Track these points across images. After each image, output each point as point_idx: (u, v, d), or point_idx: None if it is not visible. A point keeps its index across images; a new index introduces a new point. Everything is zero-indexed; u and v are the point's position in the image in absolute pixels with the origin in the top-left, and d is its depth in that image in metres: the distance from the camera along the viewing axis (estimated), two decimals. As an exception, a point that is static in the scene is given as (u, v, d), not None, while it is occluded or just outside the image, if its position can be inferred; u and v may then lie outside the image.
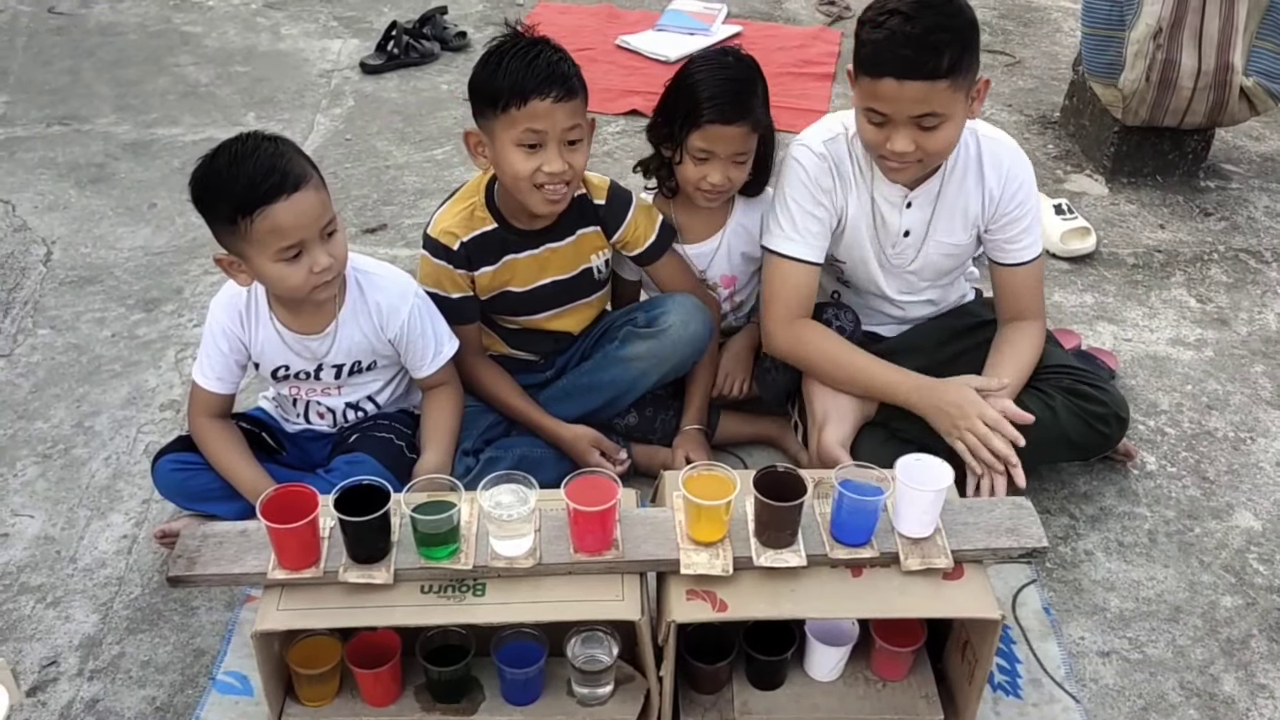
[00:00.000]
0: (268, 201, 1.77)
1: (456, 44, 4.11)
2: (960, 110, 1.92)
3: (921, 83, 1.84)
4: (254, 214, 1.77)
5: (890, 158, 1.96)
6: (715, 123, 2.07)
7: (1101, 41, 3.22)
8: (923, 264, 2.19)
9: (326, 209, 1.85)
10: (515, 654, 1.68)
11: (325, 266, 1.84)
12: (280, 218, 1.78)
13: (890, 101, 1.88)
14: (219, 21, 4.29)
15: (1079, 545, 2.15)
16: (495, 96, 1.91)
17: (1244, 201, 3.34)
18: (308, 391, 2.09)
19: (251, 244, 1.81)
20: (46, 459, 2.28)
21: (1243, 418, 2.49)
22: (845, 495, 1.61)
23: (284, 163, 1.79)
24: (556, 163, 1.92)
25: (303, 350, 2.02)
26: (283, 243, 1.80)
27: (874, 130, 1.95)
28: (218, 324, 2.00)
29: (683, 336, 2.14)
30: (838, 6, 4.54)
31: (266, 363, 2.03)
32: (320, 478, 1.98)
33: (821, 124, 2.16)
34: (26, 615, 1.95)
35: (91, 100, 3.70)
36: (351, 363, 2.05)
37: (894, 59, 1.84)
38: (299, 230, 1.80)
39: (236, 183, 1.78)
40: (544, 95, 1.88)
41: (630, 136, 3.54)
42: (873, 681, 1.79)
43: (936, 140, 1.92)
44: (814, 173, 2.10)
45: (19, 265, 2.88)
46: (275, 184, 1.77)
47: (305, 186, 1.80)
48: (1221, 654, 1.95)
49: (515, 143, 1.92)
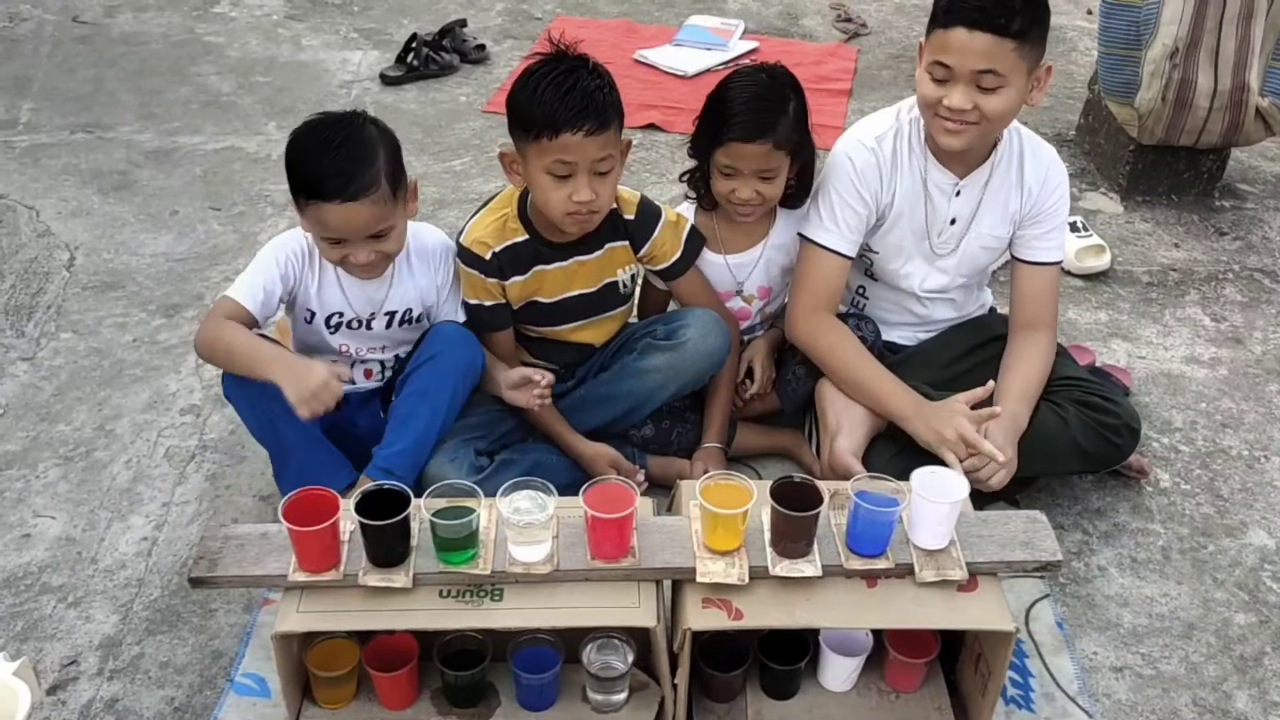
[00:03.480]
0: (324, 198, 1.89)
1: (475, 56, 4.14)
2: (1020, 82, 1.96)
3: (990, 36, 1.89)
4: (307, 203, 1.91)
5: (947, 116, 1.98)
6: (736, 140, 2.09)
7: (1118, 61, 3.23)
8: (962, 255, 2.22)
9: (381, 220, 1.94)
10: (531, 659, 1.70)
11: (363, 263, 1.97)
12: (327, 215, 1.91)
13: (957, 53, 1.92)
14: (241, 32, 4.33)
15: (1092, 560, 2.15)
16: (529, 124, 1.92)
17: (1259, 221, 3.35)
18: (355, 349, 2.14)
19: (306, 217, 1.96)
20: (68, 461, 2.31)
21: (1257, 436, 2.50)
22: (861, 506, 1.63)
23: (353, 167, 1.89)
24: (585, 192, 1.94)
25: (358, 296, 2.09)
26: (325, 233, 1.95)
27: (934, 87, 1.98)
28: (279, 253, 2.05)
29: (701, 350, 2.16)
30: (854, 23, 4.57)
31: (323, 308, 2.09)
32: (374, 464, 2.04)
33: (875, 118, 2.20)
34: (47, 615, 1.97)
35: (115, 108, 3.74)
36: (404, 310, 2.12)
37: (968, 8, 1.90)
38: (342, 231, 1.93)
39: (308, 169, 1.91)
40: (576, 129, 1.89)
41: (647, 150, 3.56)
42: (886, 692, 1.79)
43: (993, 103, 1.95)
44: (861, 167, 2.13)
45: (43, 270, 2.91)
46: (338, 185, 1.88)
47: (363, 199, 1.89)
48: (1235, 671, 1.96)
49: (545, 171, 1.94)
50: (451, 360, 2.07)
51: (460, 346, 2.09)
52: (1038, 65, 1.99)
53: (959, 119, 1.97)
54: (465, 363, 2.08)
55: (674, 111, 3.77)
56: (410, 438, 2.03)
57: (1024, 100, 2.00)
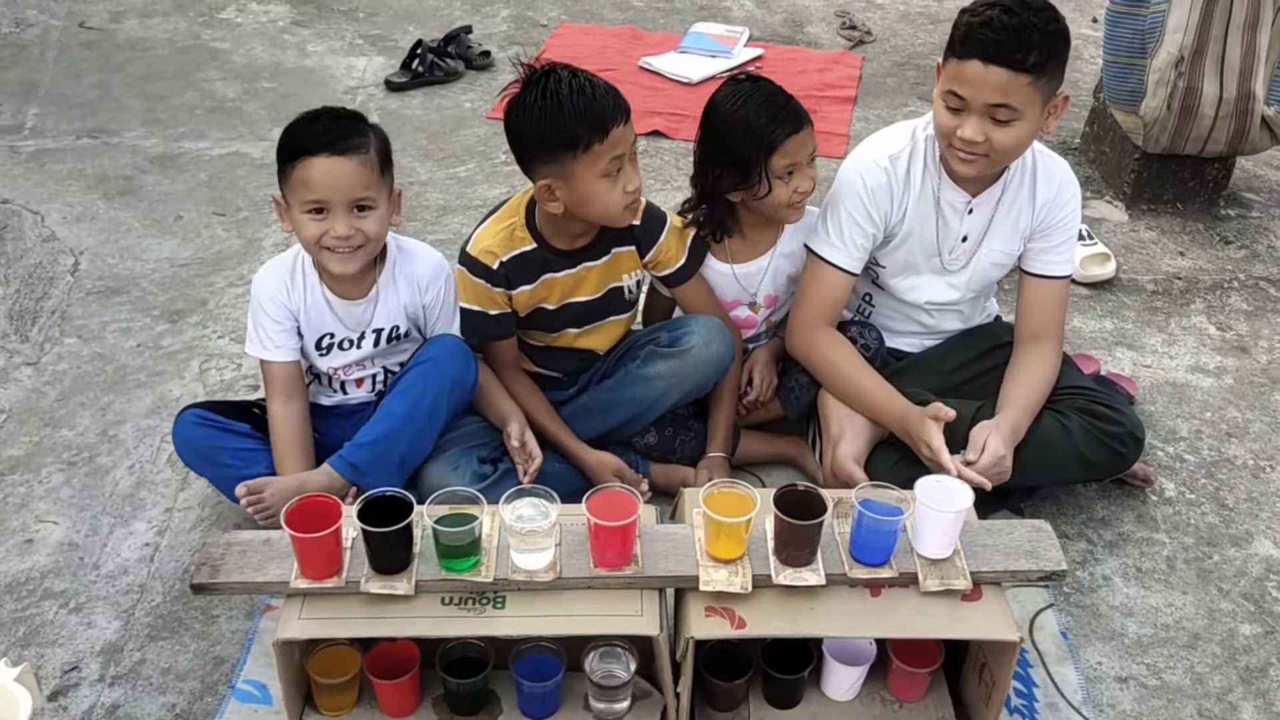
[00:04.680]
0: (309, 153, 1.88)
1: (480, 63, 4.15)
2: (1034, 115, 1.96)
3: (1005, 71, 1.89)
4: (296, 161, 1.89)
5: (959, 146, 1.98)
6: (793, 134, 2.10)
7: (1123, 69, 3.23)
8: (973, 271, 2.22)
9: (365, 186, 1.92)
10: (533, 667, 1.69)
11: (340, 235, 1.92)
12: (312, 171, 1.88)
13: (972, 85, 1.92)
14: (247, 38, 4.34)
15: (1097, 570, 2.15)
16: (574, 139, 1.89)
17: (1264, 230, 3.34)
18: (345, 370, 2.14)
19: (289, 189, 1.93)
20: (71, 466, 2.31)
21: (1263, 445, 2.49)
22: (865, 515, 1.62)
23: (345, 129, 1.90)
24: (635, 178, 1.98)
25: (347, 316, 2.08)
26: (308, 195, 1.90)
27: (949, 116, 1.98)
28: (264, 294, 2.05)
29: (704, 357, 2.15)
30: (859, 31, 4.57)
31: (312, 330, 2.08)
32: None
33: (890, 134, 2.19)
34: (49, 620, 1.97)
35: (120, 114, 3.75)
36: (390, 327, 2.11)
37: (984, 42, 1.90)
38: (325, 190, 1.89)
39: (299, 136, 1.90)
40: (617, 122, 1.91)
41: (652, 157, 3.56)
42: (889, 702, 1.79)
43: (1005, 136, 1.95)
44: (873, 186, 2.13)
45: (47, 275, 2.91)
46: (323, 143, 1.88)
47: (350, 155, 1.89)
48: (1240, 682, 1.95)
49: (601, 175, 1.94)
50: (441, 369, 2.05)
51: (454, 359, 2.08)
52: (1054, 96, 1.98)
53: (970, 150, 1.97)
54: (455, 375, 2.06)
55: (678, 119, 3.77)
56: (378, 432, 2.01)
57: (1037, 130, 2.00)
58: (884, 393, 2.12)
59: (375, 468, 1.98)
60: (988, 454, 1.98)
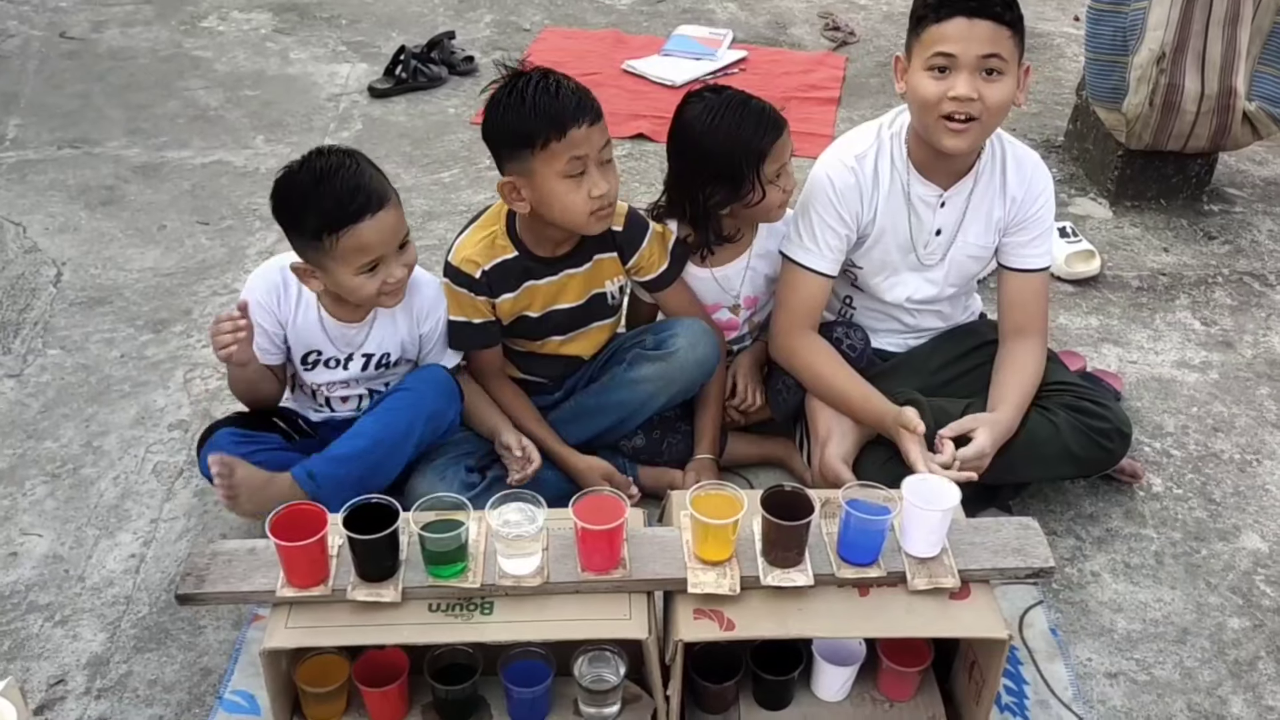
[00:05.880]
0: (354, 221, 1.86)
1: (464, 68, 4.14)
2: (1014, 73, 1.98)
3: (989, 23, 1.92)
4: (340, 232, 1.86)
5: (951, 110, 1.97)
6: (778, 139, 2.11)
7: (1105, 66, 3.24)
8: (949, 265, 2.22)
9: (403, 224, 1.94)
10: (523, 673, 1.68)
11: (399, 279, 1.95)
12: (365, 236, 1.87)
13: (960, 41, 1.93)
14: (229, 46, 4.33)
15: (1086, 566, 2.15)
16: (531, 134, 1.91)
17: (1248, 225, 3.36)
18: (329, 388, 2.12)
19: (335, 259, 1.89)
20: (55, 478, 2.29)
21: (1249, 440, 2.50)
22: (852, 515, 1.62)
23: (367, 181, 1.88)
24: (601, 184, 1.96)
25: (339, 337, 2.06)
26: (365, 259, 1.90)
27: (935, 82, 1.97)
28: (253, 300, 2.01)
29: (690, 359, 2.15)
30: (842, 32, 4.57)
31: (300, 345, 2.06)
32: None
33: (855, 136, 2.19)
34: (34, 634, 1.95)
35: (102, 123, 3.74)
36: (381, 354, 2.09)
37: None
38: (381, 247, 1.90)
39: (324, 200, 1.85)
40: (579, 122, 1.91)
41: (636, 160, 3.56)
42: (880, 702, 1.78)
43: (995, 92, 1.96)
44: (841, 188, 2.13)
45: (29, 286, 2.89)
46: (361, 204, 1.86)
47: (387, 205, 1.90)
48: (1229, 676, 1.95)
49: (560, 175, 1.94)
50: (421, 399, 2.03)
51: (437, 392, 2.06)
52: (1022, 62, 2.01)
53: (964, 110, 1.97)
54: (434, 408, 2.04)
55: (663, 121, 3.73)
56: (344, 449, 1.99)
57: (1015, 94, 2.00)
58: (862, 397, 2.13)
59: (331, 482, 1.95)
60: (974, 446, 1.99)
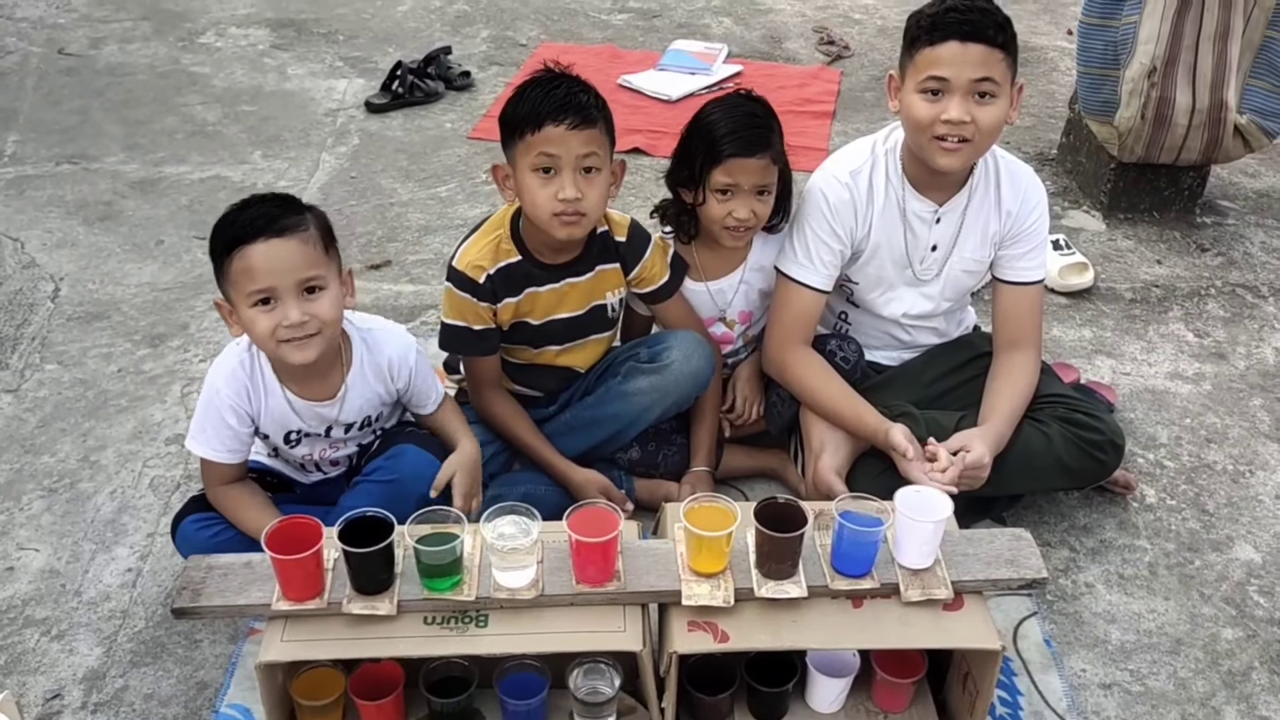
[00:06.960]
0: (246, 241, 1.75)
1: (460, 83, 4.17)
2: (1007, 95, 2.00)
3: (982, 46, 1.94)
4: (234, 251, 1.76)
5: (945, 132, 1.99)
6: (736, 156, 2.10)
7: (1097, 80, 3.26)
8: (945, 279, 2.23)
9: (312, 265, 1.79)
10: (517, 685, 1.69)
11: (294, 322, 1.77)
12: (253, 259, 1.75)
13: (953, 65, 1.95)
14: (226, 62, 4.35)
15: (1079, 578, 2.15)
16: (515, 124, 1.96)
17: (1240, 237, 3.37)
18: (319, 452, 2.06)
19: (231, 284, 1.79)
20: (52, 493, 2.30)
21: (1241, 451, 2.50)
22: (846, 526, 1.63)
23: (279, 212, 1.79)
24: (570, 189, 1.94)
25: (313, 417, 1.98)
26: (252, 285, 1.76)
27: (928, 105, 1.99)
28: (222, 399, 1.89)
29: (685, 371, 2.16)
30: (837, 46, 4.60)
31: (276, 431, 1.97)
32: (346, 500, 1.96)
33: (850, 151, 2.21)
34: (31, 648, 1.96)
35: (100, 139, 3.75)
36: (361, 419, 2.03)
37: (958, 23, 1.95)
38: (270, 275, 1.76)
39: (233, 226, 1.78)
40: (558, 121, 1.92)
41: (632, 174, 3.56)
42: (874, 713, 1.79)
43: (987, 115, 1.98)
44: (835, 203, 2.14)
45: (27, 301, 2.91)
46: (259, 227, 1.76)
47: (290, 235, 1.77)
48: (1223, 686, 1.96)
49: (531, 169, 1.95)
50: (407, 489, 1.95)
51: (421, 474, 1.98)
52: (1015, 82, 2.02)
53: (957, 133, 1.98)
54: (421, 493, 1.95)
55: (658, 136, 3.79)
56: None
57: (1008, 115, 2.02)
58: (853, 411, 2.14)
59: None
60: (971, 458, 2.00)
